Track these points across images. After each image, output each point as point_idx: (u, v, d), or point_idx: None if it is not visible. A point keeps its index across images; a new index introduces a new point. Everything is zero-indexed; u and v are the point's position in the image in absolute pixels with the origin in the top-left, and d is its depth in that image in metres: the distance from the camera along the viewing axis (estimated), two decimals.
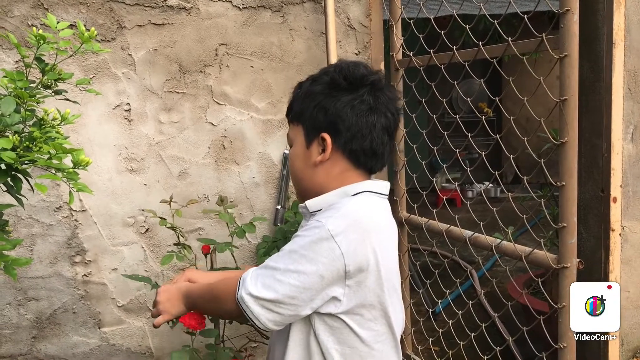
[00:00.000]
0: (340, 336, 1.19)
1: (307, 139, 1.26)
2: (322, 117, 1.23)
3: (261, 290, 1.13)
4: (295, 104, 1.28)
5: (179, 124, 2.28)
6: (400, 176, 2.34)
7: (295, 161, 1.29)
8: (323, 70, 1.30)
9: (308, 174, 1.27)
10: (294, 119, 1.29)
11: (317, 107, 1.24)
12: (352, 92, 1.23)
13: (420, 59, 2.12)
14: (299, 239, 1.16)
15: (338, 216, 1.16)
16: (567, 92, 1.52)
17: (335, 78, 1.24)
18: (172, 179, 2.31)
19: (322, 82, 1.25)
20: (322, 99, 1.24)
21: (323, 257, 1.12)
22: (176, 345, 2.41)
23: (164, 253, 2.33)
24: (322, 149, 1.24)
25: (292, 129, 1.30)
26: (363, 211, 1.20)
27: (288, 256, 1.15)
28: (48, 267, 2.26)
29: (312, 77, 1.29)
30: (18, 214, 2.20)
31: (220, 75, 2.29)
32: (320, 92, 1.24)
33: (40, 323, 2.31)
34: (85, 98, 2.17)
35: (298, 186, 1.32)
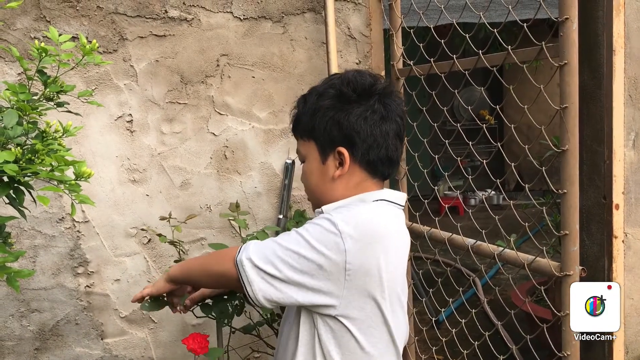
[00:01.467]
0: (341, 339, 1.20)
1: (322, 154, 1.27)
2: (337, 132, 1.25)
3: (260, 259, 1.16)
4: (304, 120, 1.28)
5: (181, 134, 2.29)
6: (402, 185, 2.34)
7: (310, 177, 1.29)
8: (327, 82, 1.29)
9: (326, 188, 1.28)
10: (304, 135, 1.29)
11: (329, 122, 1.24)
12: (362, 103, 1.25)
13: (421, 68, 2.13)
14: (309, 225, 1.18)
15: (350, 215, 1.18)
16: (568, 100, 1.52)
17: (343, 91, 1.25)
18: (174, 190, 2.31)
19: (329, 95, 1.25)
20: (333, 113, 1.24)
21: (327, 248, 1.14)
22: (179, 356, 2.41)
23: (166, 264, 2.34)
24: (339, 163, 1.26)
25: (303, 145, 1.30)
26: (375, 216, 1.22)
27: (294, 238, 1.17)
28: (51, 278, 2.27)
29: (316, 90, 1.28)
30: (21, 225, 2.21)
31: (222, 86, 2.30)
32: (330, 106, 1.25)
33: (43, 334, 2.30)
34: (87, 109, 2.18)
35: (316, 200, 1.31)
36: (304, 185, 1.34)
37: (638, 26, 2.46)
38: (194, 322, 2.37)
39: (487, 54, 1.82)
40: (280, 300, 1.17)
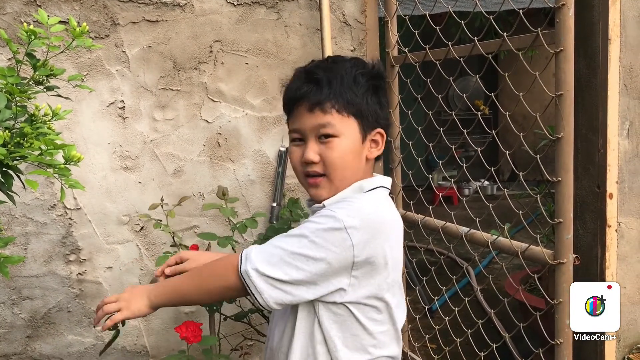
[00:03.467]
0: (344, 324, 1.20)
1: (363, 134, 1.23)
2: (382, 114, 1.26)
3: (267, 267, 1.12)
4: (347, 95, 1.20)
5: (174, 121, 2.27)
6: (396, 173, 2.33)
7: (346, 154, 1.21)
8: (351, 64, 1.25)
9: (357, 169, 1.25)
10: (344, 110, 1.20)
11: (376, 103, 1.25)
12: (383, 79, 1.31)
13: (416, 55, 2.12)
14: (311, 224, 1.15)
15: (353, 209, 1.16)
16: (563, 87, 1.51)
17: (380, 74, 1.28)
18: (166, 177, 2.29)
19: (370, 76, 1.25)
20: (380, 95, 1.26)
21: (334, 246, 1.12)
22: (172, 344, 2.40)
23: (159, 251, 2.32)
24: (374, 143, 1.26)
25: (341, 120, 1.20)
26: (379, 206, 1.22)
27: (297, 240, 1.14)
28: (42, 265, 2.25)
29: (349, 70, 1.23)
30: (12, 212, 2.19)
31: (215, 72, 2.28)
32: (375, 87, 1.25)
33: (34, 322, 2.29)
34: (79, 95, 2.16)
35: (341, 181, 1.23)
36: (330, 163, 1.21)
37: (634, 15, 2.45)
38: (187, 310, 2.36)
39: (482, 41, 1.81)
40: (292, 302, 1.16)
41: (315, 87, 1.20)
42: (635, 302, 2.59)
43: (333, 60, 1.27)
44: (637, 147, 2.54)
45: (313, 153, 1.20)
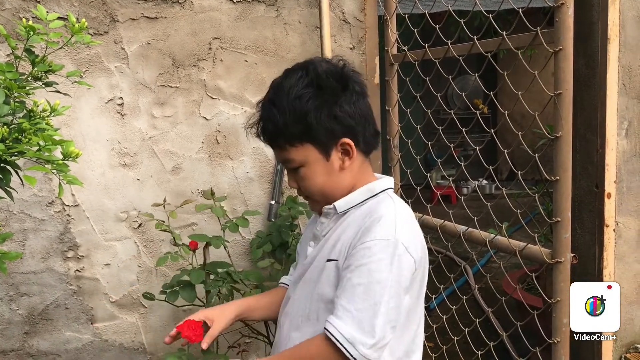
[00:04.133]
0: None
1: (324, 153, 1.23)
2: (337, 126, 1.22)
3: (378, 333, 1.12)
4: (292, 127, 1.19)
5: (172, 118, 2.27)
6: (395, 171, 2.33)
7: (315, 179, 1.24)
8: (296, 81, 1.20)
9: (335, 182, 1.26)
10: (295, 141, 1.21)
11: (326, 119, 1.20)
12: (345, 89, 1.23)
13: (415, 54, 2.11)
14: (375, 264, 1.14)
15: (398, 225, 1.18)
16: (562, 86, 1.51)
17: (326, 85, 1.21)
18: (165, 174, 2.29)
19: (311, 94, 1.20)
20: (327, 110, 1.20)
21: (406, 270, 1.16)
22: None
23: (157, 248, 2.32)
24: (343, 153, 1.25)
25: (296, 151, 1.21)
26: (407, 214, 1.25)
27: (380, 288, 1.13)
28: (40, 262, 2.25)
29: (289, 93, 1.20)
30: (10, 208, 2.19)
31: (214, 70, 2.27)
32: (320, 104, 1.20)
33: (32, 318, 2.29)
34: (77, 92, 2.16)
35: (326, 198, 1.27)
36: (306, 190, 1.26)
37: (633, 15, 2.45)
38: (185, 307, 2.35)
39: (481, 40, 1.81)
40: None
41: (265, 125, 1.23)
42: (632, 302, 2.60)
43: (278, 85, 1.22)
44: (635, 147, 2.54)
45: (292, 182, 1.28)
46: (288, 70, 1.26)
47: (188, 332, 1.33)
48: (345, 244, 1.21)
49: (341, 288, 1.16)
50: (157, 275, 2.31)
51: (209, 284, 1.80)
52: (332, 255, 1.23)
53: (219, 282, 1.81)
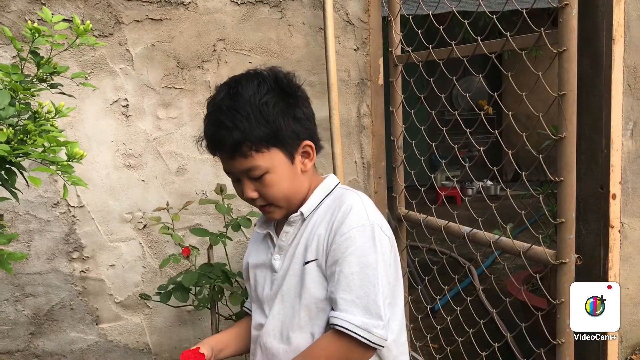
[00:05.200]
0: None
1: (289, 156, 1.24)
2: (301, 128, 1.24)
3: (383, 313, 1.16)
4: (258, 133, 1.18)
5: (177, 119, 2.28)
6: (399, 172, 2.33)
7: (281, 184, 1.23)
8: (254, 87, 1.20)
9: (298, 185, 1.27)
10: (261, 147, 1.19)
11: (291, 122, 1.22)
12: (299, 92, 1.27)
13: (419, 55, 2.12)
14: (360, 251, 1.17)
15: (368, 210, 1.22)
16: (566, 86, 1.51)
17: (290, 90, 1.24)
18: (170, 175, 2.30)
19: (275, 100, 1.21)
20: (292, 112, 1.23)
21: (386, 248, 1.21)
22: (174, 342, 2.41)
23: (162, 249, 2.33)
24: (304, 156, 1.26)
25: (262, 157, 1.20)
26: (368, 199, 1.28)
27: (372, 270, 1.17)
28: (45, 263, 2.26)
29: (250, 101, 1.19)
30: (15, 210, 2.20)
31: (219, 71, 2.28)
32: (285, 108, 1.22)
33: (37, 319, 2.30)
34: (82, 93, 2.17)
35: (289, 203, 1.27)
36: (271, 197, 1.24)
37: (638, 15, 2.45)
38: (189, 308, 2.36)
39: (485, 41, 1.81)
40: None
41: (226, 134, 1.18)
42: (638, 303, 2.59)
43: (235, 93, 1.21)
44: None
45: (251, 191, 1.23)
46: (235, 80, 1.25)
47: None
48: (320, 242, 1.22)
49: (334, 283, 1.17)
50: (162, 277, 2.32)
51: (201, 282, 1.80)
52: (309, 257, 1.23)
53: (212, 280, 1.81)
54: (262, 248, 1.37)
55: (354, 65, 2.35)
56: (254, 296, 1.38)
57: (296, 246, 1.26)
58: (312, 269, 1.23)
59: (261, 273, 1.35)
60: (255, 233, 1.42)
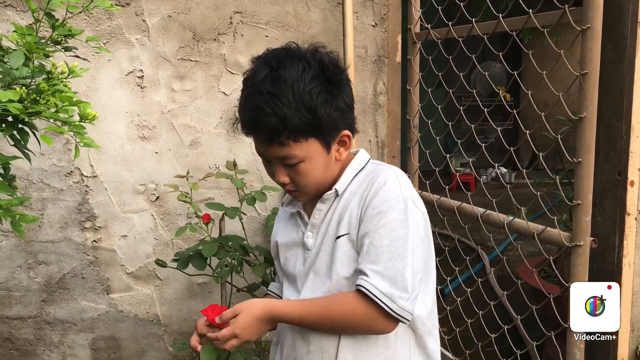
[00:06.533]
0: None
1: (326, 146, 1.19)
2: (340, 119, 1.19)
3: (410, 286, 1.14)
4: (297, 122, 1.12)
5: (192, 92, 2.27)
6: (414, 152, 2.31)
7: (315, 173, 1.20)
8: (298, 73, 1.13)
9: (330, 174, 1.24)
10: (300, 137, 1.14)
11: (333, 113, 1.17)
12: (341, 77, 1.21)
13: (439, 32, 2.08)
14: (392, 224, 1.14)
15: (402, 184, 1.20)
16: (589, 65, 1.48)
17: (334, 78, 1.17)
18: (183, 148, 2.29)
19: (319, 89, 1.15)
20: (335, 103, 1.17)
21: (419, 222, 1.19)
22: (184, 314, 2.42)
23: (173, 221, 2.33)
24: (340, 144, 1.23)
25: (300, 146, 1.15)
26: (403, 173, 1.26)
27: (402, 243, 1.14)
28: (58, 231, 2.27)
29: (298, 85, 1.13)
30: (29, 177, 2.21)
31: (234, 44, 2.26)
32: (329, 98, 1.16)
33: (49, 287, 2.32)
34: (98, 63, 2.16)
35: (319, 190, 1.24)
36: (303, 185, 1.21)
37: None
38: (199, 280, 2.37)
39: (507, 18, 1.77)
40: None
41: (265, 120, 1.11)
42: None
43: (277, 77, 1.12)
44: None
45: (283, 177, 1.19)
46: (276, 60, 1.16)
47: (213, 315, 1.30)
48: (352, 216, 1.20)
49: (364, 254, 1.16)
50: (174, 248, 2.33)
51: (220, 253, 1.80)
52: (341, 231, 1.22)
53: (231, 252, 1.81)
54: (290, 226, 1.35)
55: (371, 41, 2.32)
56: (284, 273, 1.36)
57: (328, 222, 1.25)
58: (344, 243, 1.21)
59: (292, 251, 1.33)
60: (282, 211, 1.40)
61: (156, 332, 2.42)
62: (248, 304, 1.21)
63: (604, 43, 1.64)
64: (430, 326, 1.28)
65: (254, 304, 1.20)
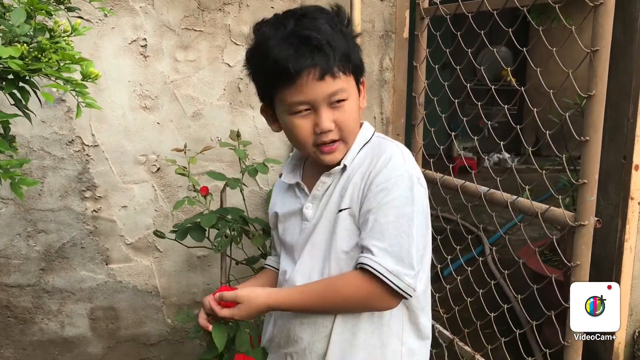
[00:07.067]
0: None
1: (357, 87, 1.22)
2: (361, 62, 1.22)
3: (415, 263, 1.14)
4: (343, 49, 1.14)
5: (195, 63, 2.24)
6: (418, 130, 2.29)
7: (355, 114, 1.21)
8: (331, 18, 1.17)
9: (358, 122, 1.25)
10: (347, 69, 1.16)
11: (358, 51, 1.21)
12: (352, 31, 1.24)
13: (447, 7, 2.05)
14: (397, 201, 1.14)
15: (407, 161, 1.19)
16: (600, 42, 1.45)
17: (350, 29, 1.21)
18: (185, 119, 2.27)
19: (348, 22, 1.20)
20: (355, 42, 1.21)
21: (423, 199, 1.19)
22: (183, 286, 2.42)
23: (174, 193, 2.32)
24: (361, 93, 1.24)
25: (346, 80, 1.16)
26: (407, 150, 1.25)
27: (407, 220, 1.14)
28: (58, 200, 2.26)
29: (332, 16, 1.18)
30: (30, 145, 2.19)
31: (240, 15, 2.23)
32: (354, 35, 1.21)
33: (48, 256, 2.32)
34: (101, 31, 2.13)
35: (352, 139, 1.23)
36: (348, 126, 1.19)
37: None
38: (199, 253, 2.37)
39: None
40: None
41: (320, 54, 1.10)
42: None
43: (311, 19, 1.14)
44: None
45: (329, 122, 1.16)
46: (296, 12, 1.17)
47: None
48: (355, 190, 1.19)
49: (368, 231, 1.14)
50: (174, 220, 2.31)
51: (219, 224, 1.79)
52: (343, 205, 1.21)
53: (230, 223, 1.80)
54: (289, 197, 1.34)
55: (379, 16, 2.29)
56: (282, 244, 1.36)
57: (330, 195, 1.24)
58: (345, 217, 1.20)
59: (290, 222, 1.32)
60: (280, 183, 1.39)
61: (155, 303, 2.42)
62: (249, 296, 1.20)
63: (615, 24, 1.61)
64: (424, 303, 1.28)
65: (256, 298, 1.20)
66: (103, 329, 2.42)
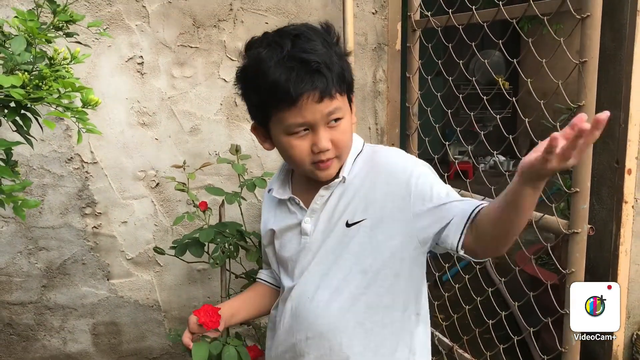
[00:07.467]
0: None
1: (350, 105, 1.22)
2: (352, 79, 1.22)
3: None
4: (339, 70, 1.14)
5: (192, 79, 2.27)
6: (413, 140, 2.32)
7: (350, 131, 1.22)
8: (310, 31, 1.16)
9: (352, 140, 1.26)
10: (342, 89, 1.17)
11: (350, 69, 1.21)
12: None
13: (439, 20, 2.08)
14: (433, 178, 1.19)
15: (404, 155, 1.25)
16: (588, 53, 1.48)
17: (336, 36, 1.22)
18: (183, 135, 2.30)
19: (337, 41, 1.21)
20: (347, 60, 1.21)
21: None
22: (184, 300, 2.44)
23: (173, 208, 2.34)
24: (352, 109, 1.24)
25: (341, 99, 1.17)
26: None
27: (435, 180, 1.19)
28: (59, 217, 2.28)
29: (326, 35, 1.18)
30: (30, 163, 2.21)
31: (235, 31, 2.26)
32: (345, 54, 1.21)
33: (50, 272, 2.33)
34: (98, 49, 2.16)
35: (346, 155, 1.24)
36: (344, 145, 1.20)
37: None
38: (199, 267, 2.39)
39: (507, 6, 1.78)
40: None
41: (320, 77, 1.11)
42: None
43: (306, 39, 1.13)
44: None
45: (326, 141, 1.16)
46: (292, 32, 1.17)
47: (205, 318, 1.31)
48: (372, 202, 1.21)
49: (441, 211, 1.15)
50: (173, 235, 2.34)
51: (216, 240, 1.81)
52: (356, 218, 1.21)
53: (227, 238, 1.82)
54: (282, 212, 1.34)
55: (371, 29, 2.32)
56: (279, 260, 1.36)
57: (333, 208, 1.24)
58: (359, 230, 1.20)
59: (286, 237, 1.32)
60: (270, 198, 1.38)
61: (156, 317, 2.44)
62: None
63: (603, 32, 1.65)
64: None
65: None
66: (105, 344, 2.44)
